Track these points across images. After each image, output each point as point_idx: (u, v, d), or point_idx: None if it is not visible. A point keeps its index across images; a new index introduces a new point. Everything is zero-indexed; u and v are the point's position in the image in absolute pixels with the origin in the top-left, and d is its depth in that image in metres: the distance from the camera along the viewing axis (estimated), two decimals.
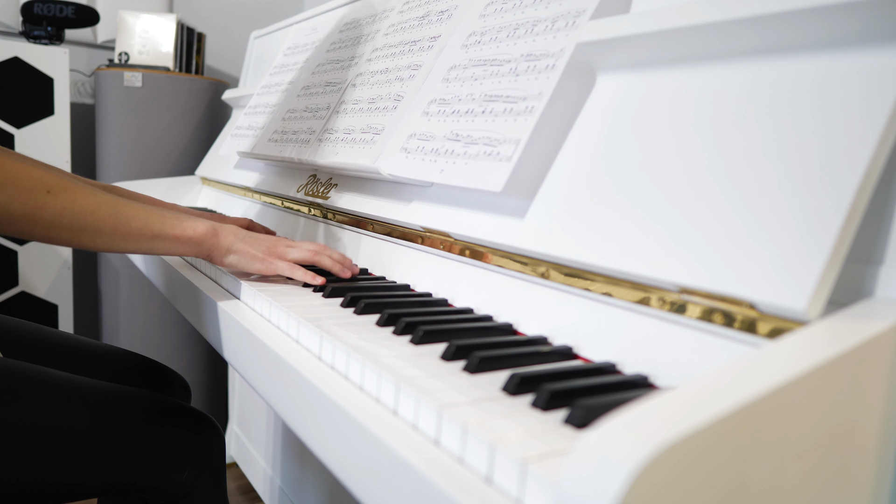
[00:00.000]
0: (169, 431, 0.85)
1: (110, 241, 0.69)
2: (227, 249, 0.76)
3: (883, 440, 0.43)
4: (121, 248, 0.70)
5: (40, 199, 0.64)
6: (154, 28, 1.99)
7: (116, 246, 0.70)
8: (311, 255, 0.78)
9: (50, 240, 0.67)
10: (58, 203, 0.65)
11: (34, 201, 0.63)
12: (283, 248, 0.78)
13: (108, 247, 0.70)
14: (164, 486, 0.83)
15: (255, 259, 0.77)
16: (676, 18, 0.56)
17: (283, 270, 0.76)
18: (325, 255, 0.78)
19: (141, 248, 0.72)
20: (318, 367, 0.54)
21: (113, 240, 0.69)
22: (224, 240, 0.76)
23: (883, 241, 0.44)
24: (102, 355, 1.01)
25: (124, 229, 0.69)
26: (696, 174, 0.52)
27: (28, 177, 0.63)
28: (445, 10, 0.93)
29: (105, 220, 0.68)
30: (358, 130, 0.94)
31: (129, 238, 0.70)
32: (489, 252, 0.68)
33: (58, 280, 1.92)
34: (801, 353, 0.36)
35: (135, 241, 0.71)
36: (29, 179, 0.63)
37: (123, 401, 0.83)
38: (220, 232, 0.76)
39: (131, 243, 0.70)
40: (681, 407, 0.30)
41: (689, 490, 0.29)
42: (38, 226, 0.64)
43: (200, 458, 0.86)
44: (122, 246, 0.70)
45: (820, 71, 0.48)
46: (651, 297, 0.51)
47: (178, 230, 0.73)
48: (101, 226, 0.68)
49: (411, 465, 0.38)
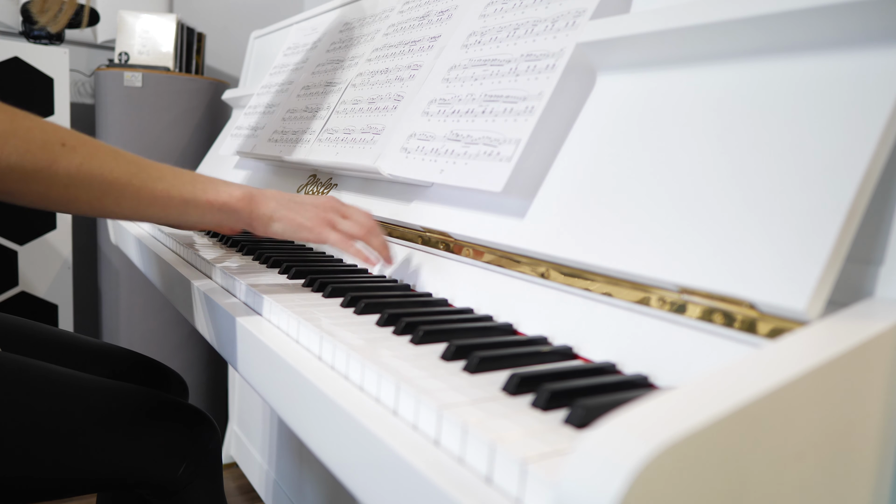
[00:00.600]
0: (164, 427, 0.85)
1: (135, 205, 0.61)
2: (269, 217, 0.68)
3: (883, 440, 0.43)
4: (148, 214, 0.63)
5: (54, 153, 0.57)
6: (154, 28, 1.99)
7: (143, 212, 0.62)
8: (364, 234, 0.71)
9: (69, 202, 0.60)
10: (75, 158, 0.58)
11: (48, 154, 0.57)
12: (332, 215, 0.71)
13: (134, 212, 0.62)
14: (161, 481, 0.84)
15: (303, 228, 0.69)
16: (676, 18, 0.56)
17: (337, 243, 0.69)
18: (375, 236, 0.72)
19: (170, 215, 0.64)
20: (317, 366, 0.54)
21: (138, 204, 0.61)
22: (264, 206, 0.68)
23: (883, 241, 0.44)
24: (100, 353, 1.01)
25: (150, 192, 0.61)
26: (697, 174, 0.52)
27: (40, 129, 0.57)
28: (445, 10, 0.93)
29: (129, 181, 0.60)
30: (358, 130, 0.94)
31: (156, 203, 0.62)
32: (489, 252, 0.68)
33: (58, 280, 1.92)
34: (801, 353, 0.36)
35: (163, 207, 0.63)
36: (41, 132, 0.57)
37: (119, 396, 0.83)
38: (257, 197, 0.68)
39: (159, 209, 0.63)
40: (681, 407, 0.30)
41: (689, 490, 0.29)
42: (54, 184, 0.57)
43: (196, 452, 0.87)
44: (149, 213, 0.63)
45: (820, 71, 0.48)
46: (651, 297, 0.51)
47: (212, 194, 0.65)
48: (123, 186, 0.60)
49: (411, 465, 0.38)
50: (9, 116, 0.56)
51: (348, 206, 0.73)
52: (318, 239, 0.69)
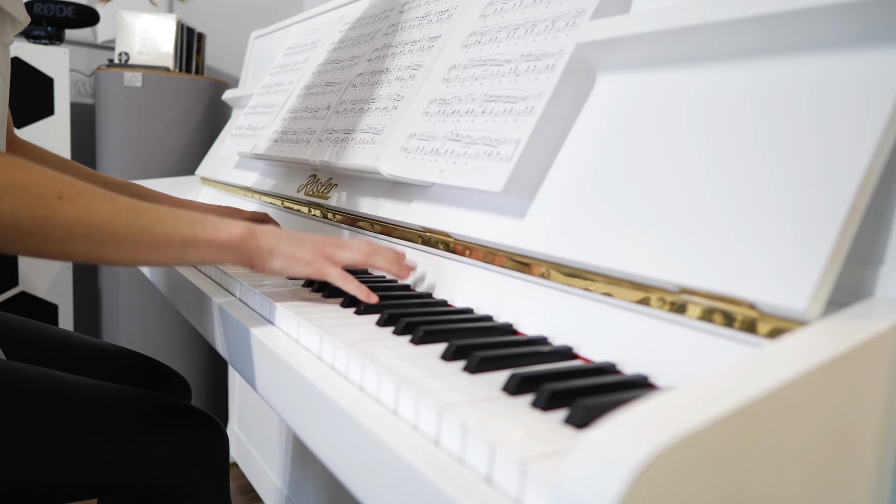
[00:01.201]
0: (172, 431, 0.84)
1: (135, 252, 0.61)
2: (269, 253, 0.68)
3: (883, 440, 0.43)
4: (148, 259, 0.62)
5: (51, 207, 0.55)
6: (154, 28, 1.99)
7: (143, 258, 0.62)
8: (364, 258, 0.70)
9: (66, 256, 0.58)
10: (72, 210, 0.56)
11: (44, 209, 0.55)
12: (331, 249, 0.70)
13: (134, 259, 0.61)
14: (167, 487, 0.83)
15: (302, 263, 0.69)
16: (676, 18, 0.56)
17: (335, 279, 0.68)
18: (378, 256, 0.71)
19: (170, 258, 0.63)
20: (317, 367, 0.54)
21: (138, 251, 0.61)
22: (264, 242, 0.68)
23: (883, 241, 0.44)
24: (103, 354, 1.01)
25: (150, 238, 0.61)
26: (697, 174, 0.52)
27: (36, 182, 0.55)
28: (445, 10, 0.93)
29: (127, 228, 0.59)
30: (358, 130, 0.94)
31: (157, 248, 0.62)
32: (489, 252, 0.68)
33: (58, 280, 1.92)
34: (801, 353, 0.36)
35: (163, 251, 0.62)
36: (37, 185, 0.55)
37: (125, 401, 0.82)
38: (258, 233, 0.68)
39: (159, 253, 0.62)
40: (681, 407, 0.30)
41: (688, 490, 0.29)
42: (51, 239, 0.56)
43: (203, 458, 0.86)
44: (149, 258, 0.62)
45: (821, 71, 0.48)
46: (651, 297, 0.51)
47: (212, 234, 0.65)
48: (122, 234, 0.59)
49: (411, 465, 0.38)
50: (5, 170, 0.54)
51: (347, 240, 0.73)
52: (318, 274, 0.69)
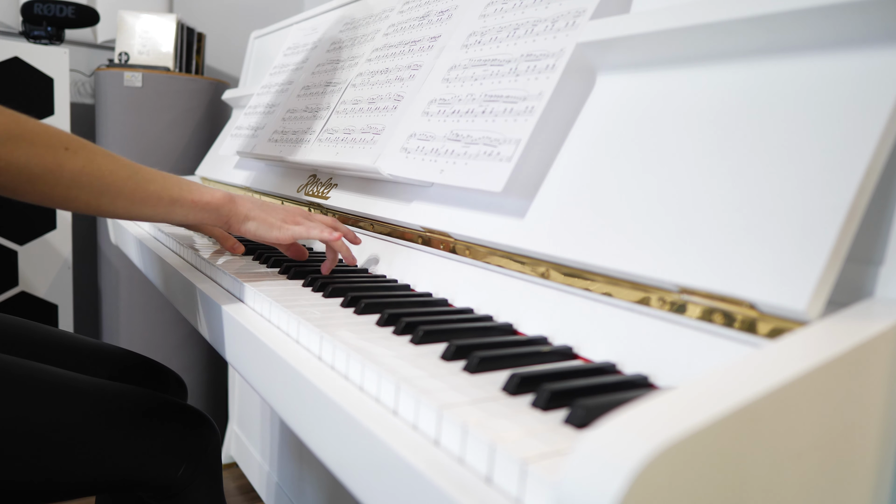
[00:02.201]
0: (164, 427, 0.85)
1: (129, 204, 0.67)
2: (244, 216, 0.76)
3: (883, 440, 0.43)
4: (139, 213, 0.69)
5: (59, 156, 0.61)
6: (154, 28, 1.99)
7: (135, 210, 0.68)
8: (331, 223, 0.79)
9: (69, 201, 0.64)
10: (77, 161, 0.63)
11: (53, 157, 0.61)
12: (299, 217, 0.79)
13: (127, 211, 0.68)
14: (160, 482, 0.83)
15: (273, 227, 0.77)
16: (676, 18, 0.56)
17: (300, 232, 0.77)
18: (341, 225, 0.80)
19: (158, 213, 0.70)
20: (317, 366, 0.54)
21: (132, 203, 0.67)
22: (241, 206, 0.76)
23: (883, 241, 0.44)
24: (100, 354, 1.01)
25: (143, 193, 0.68)
26: (697, 174, 0.52)
27: (45, 133, 0.61)
28: (445, 10, 0.93)
29: (124, 182, 0.66)
30: (358, 130, 0.94)
31: (148, 202, 0.68)
32: (489, 252, 0.68)
33: (58, 280, 1.92)
34: (801, 353, 0.36)
35: (153, 206, 0.69)
36: (46, 135, 0.61)
37: (118, 397, 0.83)
38: (236, 199, 0.76)
39: (149, 208, 0.69)
40: (681, 407, 0.30)
41: (689, 490, 0.29)
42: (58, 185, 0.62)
43: (196, 453, 0.87)
44: (140, 211, 0.69)
45: (820, 71, 0.48)
46: (651, 297, 0.51)
47: (196, 195, 0.72)
48: (120, 187, 0.66)
49: (411, 465, 0.38)
50: (14, 119, 0.60)
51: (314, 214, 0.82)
52: (287, 235, 0.77)
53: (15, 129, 0.59)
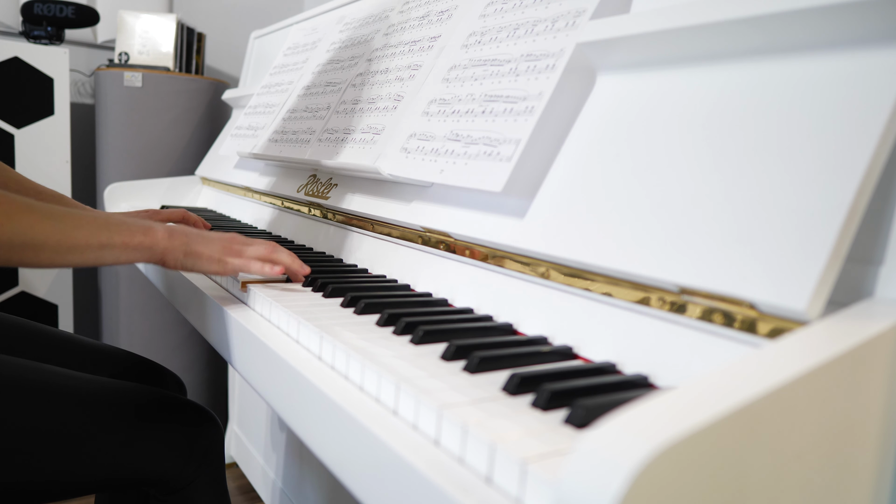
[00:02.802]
0: (166, 424, 0.85)
1: (54, 255, 0.64)
2: (182, 252, 0.73)
3: (883, 440, 0.43)
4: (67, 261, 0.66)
5: None
6: (154, 28, 1.99)
7: (62, 259, 0.65)
8: (267, 253, 0.76)
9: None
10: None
11: None
12: (238, 246, 0.76)
13: (53, 261, 0.65)
14: (164, 478, 0.84)
15: (212, 261, 0.74)
16: (676, 18, 0.56)
17: (240, 267, 0.74)
18: (281, 252, 0.77)
19: (88, 259, 0.67)
20: (317, 366, 0.54)
21: (58, 253, 0.64)
22: (177, 242, 0.72)
23: (883, 241, 0.44)
24: (100, 354, 1.02)
25: (69, 242, 0.65)
26: (697, 173, 0.52)
27: None
28: (445, 10, 0.93)
29: (47, 234, 0.63)
30: (358, 130, 0.94)
31: (76, 250, 0.65)
32: (489, 252, 0.68)
33: (58, 280, 1.92)
34: (801, 353, 0.36)
35: (81, 253, 0.66)
36: None
37: (120, 395, 0.83)
38: (172, 234, 0.72)
39: (77, 255, 0.66)
40: (681, 407, 0.30)
41: (689, 490, 0.29)
42: None
43: (199, 449, 0.87)
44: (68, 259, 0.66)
45: (820, 71, 0.48)
46: (651, 297, 0.51)
47: (127, 236, 0.69)
48: (42, 240, 0.63)
49: (411, 465, 0.38)
50: None
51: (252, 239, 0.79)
52: (224, 269, 0.74)
53: None
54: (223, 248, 0.75)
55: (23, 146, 1.81)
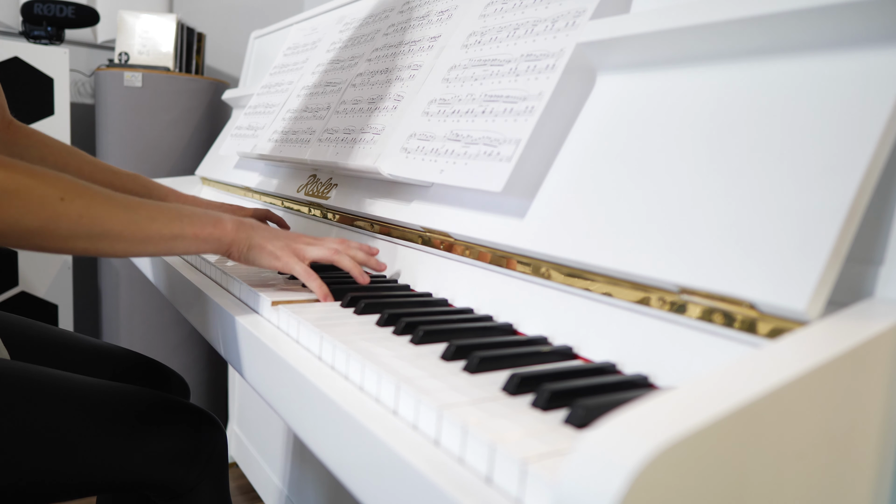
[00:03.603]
0: (170, 428, 0.85)
1: (129, 245, 0.66)
2: (247, 246, 0.74)
3: (883, 440, 0.43)
4: (141, 251, 0.68)
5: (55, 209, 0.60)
6: (154, 28, 1.99)
7: (136, 250, 0.67)
8: (332, 255, 0.75)
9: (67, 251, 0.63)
10: (73, 211, 0.61)
11: (48, 211, 0.59)
12: (301, 245, 0.76)
13: (128, 251, 0.67)
14: (167, 483, 0.83)
15: (273, 257, 0.75)
16: (676, 18, 0.56)
17: (300, 274, 0.73)
18: (345, 255, 0.75)
19: (160, 249, 0.69)
20: (317, 366, 0.54)
21: (132, 244, 0.66)
22: (244, 235, 0.74)
23: (883, 241, 0.44)
24: (102, 354, 1.01)
25: (143, 233, 0.67)
26: (697, 174, 0.52)
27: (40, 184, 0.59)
28: (445, 10, 0.93)
29: (124, 225, 0.65)
30: (358, 130, 0.94)
31: (150, 241, 0.67)
32: (489, 252, 0.68)
33: (58, 280, 1.92)
34: (801, 353, 0.36)
35: (154, 244, 0.68)
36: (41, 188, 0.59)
37: (124, 399, 0.83)
38: (240, 227, 0.74)
39: (151, 246, 0.68)
40: (681, 407, 0.30)
41: (688, 490, 0.29)
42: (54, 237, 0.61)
43: (202, 454, 0.87)
44: (141, 249, 0.68)
45: (820, 71, 0.48)
46: (651, 297, 0.51)
47: (198, 228, 0.71)
48: (119, 231, 0.65)
49: (411, 465, 0.38)
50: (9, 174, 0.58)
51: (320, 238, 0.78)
52: (285, 268, 0.74)
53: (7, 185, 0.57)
54: (285, 245, 0.75)
55: None
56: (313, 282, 0.72)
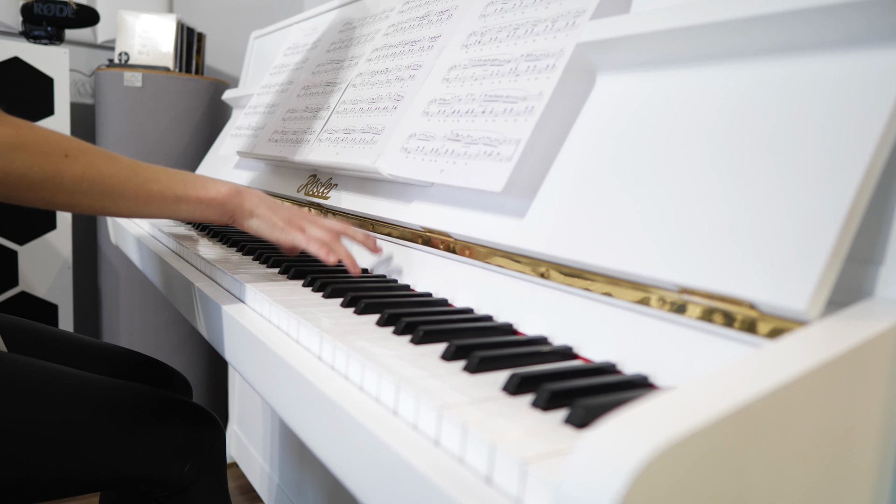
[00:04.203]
0: (169, 425, 0.85)
1: (133, 205, 0.68)
2: (250, 212, 0.75)
3: (883, 440, 0.43)
4: (144, 212, 0.69)
5: (59, 164, 0.62)
6: (154, 28, 1.99)
7: (140, 210, 0.69)
8: (330, 239, 0.77)
9: (73, 207, 0.65)
10: (77, 167, 0.64)
11: (52, 165, 0.62)
12: (304, 221, 0.77)
13: (132, 211, 0.68)
14: (166, 479, 0.84)
15: (276, 227, 0.76)
16: (676, 18, 0.56)
17: (300, 242, 0.75)
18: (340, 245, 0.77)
19: (164, 211, 0.71)
20: (317, 366, 0.54)
21: (136, 204, 0.68)
22: (248, 202, 0.75)
23: (883, 241, 0.44)
24: (104, 353, 1.02)
25: (146, 193, 0.68)
26: (696, 174, 0.52)
27: (45, 140, 0.63)
28: (445, 10, 0.93)
29: (126, 184, 0.67)
30: (358, 130, 0.94)
31: (152, 202, 0.69)
32: (489, 252, 0.68)
33: (58, 280, 1.92)
34: (802, 353, 0.36)
35: (157, 205, 0.69)
36: (45, 143, 0.62)
37: (123, 395, 0.83)
38: (243, 193, 0.75)
39: (154, 207, 0.69)
40: (681, 407, 0.30)
41: (689, 490, 0.29)
42: (59, 192, 0.63)
43: (201, 451, 0.87)
44: (145, 210, 0.69)
45: (820, 71, 0.48)
46: (651, 297, 0.51)
47: (202, 192, 0.72)
48: (122, 190, 0.66)
49: (411, 465, 0.38)
50: (14, 129, 0.61)
51: (322, 218, 0.80)
52: (287, 239, 0.75)
53: (14, 139, 0.60)
54: (289, 218, 0.77)
55: None
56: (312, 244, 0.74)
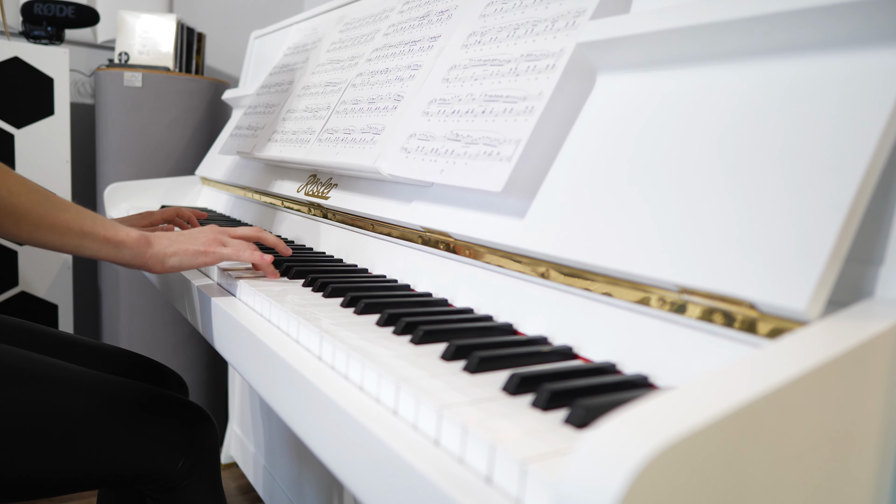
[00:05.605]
0: (162, 421, 0.85)
1: (34, 229, 0.65)
2: (164, 254, 0.73)
3: (883, 440, 0.43)
4: (45, 240, 0.66)
5: None
6: (154, 28, 1.99)
7: (41, 237, 0.65)
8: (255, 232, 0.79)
9: None
10: None
11: None
12: (221, 236, 0.77)
13: (31, 236, 0.65)
14: (158, 476, 0.84)
15: (199, 254, 0.74)
16: (676, 18, 0.56)
17: (229, 255, 0.75)
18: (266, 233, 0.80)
19: (66, 244, 0.67)
20: (317, 366, 0.54)
21: (38, 229, 0.65)
22: (159, 246, 0.73)
23: (883, 241, 0.44)
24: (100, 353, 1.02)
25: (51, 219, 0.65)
26: (696, 174, 0.52)
27: None
28: (445, 10, 0.93)
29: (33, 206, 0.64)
30: (358, 130, 0.94)
31: (56, 230, 0.66)
32: (489, 252, 0.68)
33: (58, 280, 1.92)
34: (801, 353, 0.36)
35: (60, 235, 0.66)
36: None
37: (117, 391, 0.83)
38: (153, 240, 0.73)
39: (57, 237, 0.66)
40: (681, 407, 0.30)
41: (688, 490, 0.29)
42: None
43: (194, 447, 0.87)
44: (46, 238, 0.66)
45: (820, 71, 0.48)
46: (651, 297, 0.51)
47: (111, 232, 0.69)
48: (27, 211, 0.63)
49: (411, 465, 0.38)
50: None
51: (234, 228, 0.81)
52: (214, 258, 0.75)
53: None
54: (206, 240, 0.76)
55: (23, 146, 1.81)
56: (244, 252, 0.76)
